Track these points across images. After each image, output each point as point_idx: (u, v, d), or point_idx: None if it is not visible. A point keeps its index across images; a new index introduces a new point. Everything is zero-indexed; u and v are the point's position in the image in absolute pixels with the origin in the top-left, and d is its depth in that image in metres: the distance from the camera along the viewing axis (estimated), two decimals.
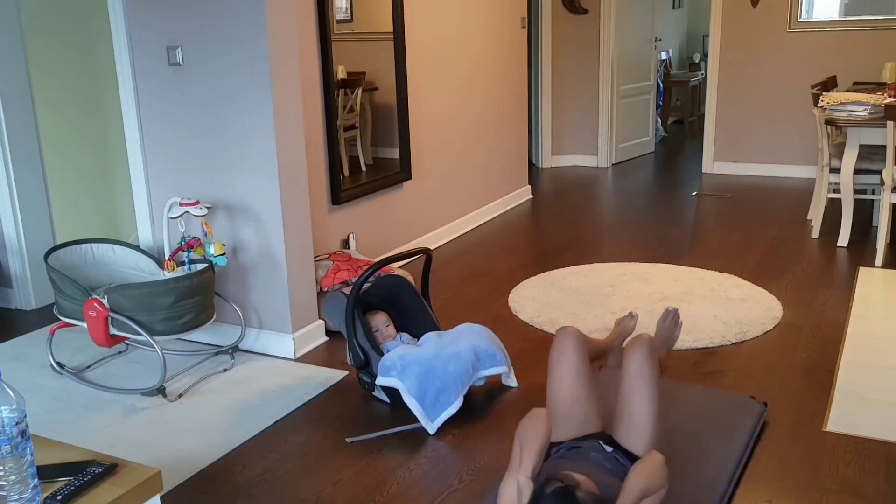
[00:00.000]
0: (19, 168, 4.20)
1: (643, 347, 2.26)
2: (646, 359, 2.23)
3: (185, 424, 2.99)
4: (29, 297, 4.31)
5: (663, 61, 9.82)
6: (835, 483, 2.49)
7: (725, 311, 3.90)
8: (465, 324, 3.19)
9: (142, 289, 3.13)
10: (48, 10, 4.57)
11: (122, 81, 3.66)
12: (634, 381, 2.22)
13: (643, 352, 2.25)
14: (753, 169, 7.27)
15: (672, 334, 2.83)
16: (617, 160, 7.97)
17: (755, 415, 2.81)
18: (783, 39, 6.95)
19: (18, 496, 1.44)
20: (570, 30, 7.57)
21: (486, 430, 2.89)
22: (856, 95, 4.98)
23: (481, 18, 5.62)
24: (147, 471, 1.66)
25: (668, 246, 5.10)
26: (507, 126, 6.14)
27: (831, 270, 4.53)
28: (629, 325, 3.05)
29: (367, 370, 3.08)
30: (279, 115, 3.38)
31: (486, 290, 4.40)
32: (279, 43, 3.35)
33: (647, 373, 2.22)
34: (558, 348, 2.37)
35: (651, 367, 2.23)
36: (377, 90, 4.58)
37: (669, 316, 2.83)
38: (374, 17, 4.50)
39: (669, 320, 2.83)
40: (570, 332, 2.38)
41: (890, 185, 4.54)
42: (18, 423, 1.42)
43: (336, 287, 3.74)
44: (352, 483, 2.59)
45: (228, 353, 3.61)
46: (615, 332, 3.04)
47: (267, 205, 3.47)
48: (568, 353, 2.34)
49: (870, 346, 3.47)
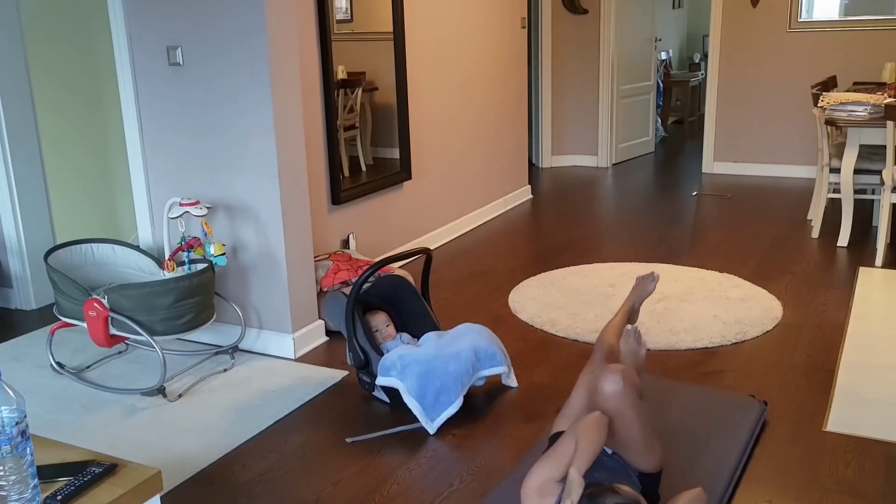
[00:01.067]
0: (19, 168, 4.20)
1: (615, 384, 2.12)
2: (620, 393, 2.11)
3: (185, 424, 2.99)
4: (29, 297, 4.31)
5: (663, 61, 9.82)
6: (835, 483, 2.49)
7: (725, 311, 3.90)
8: (465, 324, 3.19)
9: (142, 289, 3.13)
10: (48, 10, 4.57)
11: (122, 81, 3.66)
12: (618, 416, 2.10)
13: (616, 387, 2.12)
14: (753, 169, 7.27)
15: (638, 353, 2.63)
16: (617, 160, 7.97)
17: (755, 414, 2.81)
18: (783, 39, 6.95)
19: (18, 496, 1.44)
20: (570, 30, 7.57)
21: (486, 430, 2.89)
22: (856, 95, 4.98)
23: (481, 18, 5.62)
24: (147, 471, 1.66)
25: (668, 246, 5.10)
26: (507, 126, 6.14)
27: (831, 270, 4.53)
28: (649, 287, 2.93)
29: (367, 370, 3.08)
30: (279, 115, 3.38)
31: (486, 290, 4.39)
32: (279, 43, 3.35)
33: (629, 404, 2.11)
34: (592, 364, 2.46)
35: (630, 398, 2.12)
36: (377, 90, 4.58)
37: (631, 335, 2.63)
38: (374, 17, 4.50)
39: (632, 340, 2.63)
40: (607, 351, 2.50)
41: (890, 185, 4.54)
42: (18, 423, 1.42)
43: (336, 287, 3.74)
44: (352, 483, 2.59)
45: (228, 353, 3.60)
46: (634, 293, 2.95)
47: (267, 205, 3.47)
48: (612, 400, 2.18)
49: (870, 346, 3.47)
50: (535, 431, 2.85)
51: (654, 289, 2.92)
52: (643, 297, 2.92)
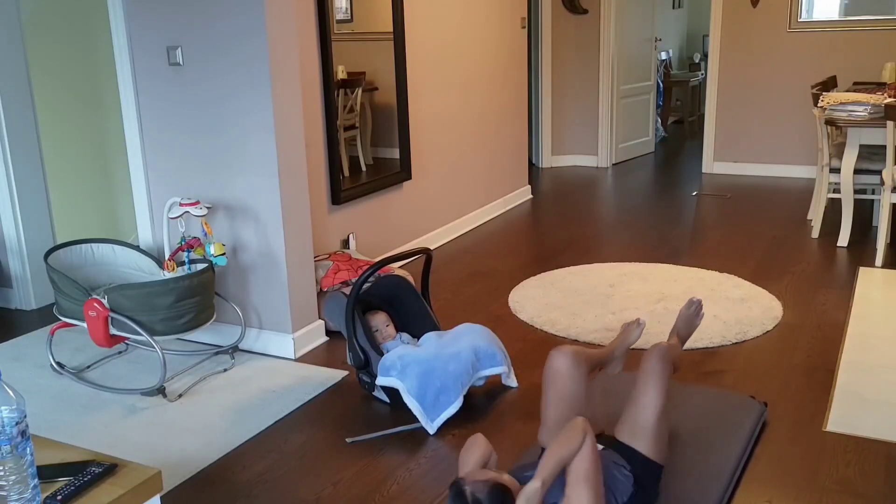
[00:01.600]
0: (19, 168, 4.20)
1: (659, 350, 2.35)
2: (659, 359, 2.31)
3: (185, 424, 2.99)
4: (29, 297, 4.31)
5: (663, 61, 9.82)
6: (835, 483, 2.49)
7: (725, 311, 3.90)
8: (465, 324, 3.19)
9: (142, 289, 3.13)
10: (48, 10, 4.57)
11: (122, 81, 3.66)
12: (645, 378, 2.29)
13: (657, 354, 2.34)
14: (753, 169, 7.27)
15: (693, 322, 2.82)
16: (617, 160, 7.97)
17: (755, 415, 2.81)
18: (783, 39, 6.95)
19: (18, 496, 1.44)
20: (570, 30, 7.57)
21: (486, 430, 2.88)
22: (856, 95, 4.98)
23: (481, 18, 5.62)
24: (147, 471, 1.66)
25: (668, 246, 5.10)
26: (507, 126, 6.13)
27: (831, 270, 4.53)
28: (633, 335, 2.86)
29: (367, 370, 3.08)
30: (279, 115, 3.38)
31: (486, 290, 4.39)
32: (279, 43, 3.35)
33: (658, 371, 2.29)
34: (549, 372, 2.37)
35: (662, 367, 2.30)
36: (377, 90, 4.58)
37: (693, 305, 2.81)
38: (374, 17, 4.50)
39: (693, 309, 2.81)
40: (563, 353, 2.36)
41: (890, 185, 4.54)
42: (18, 423, 1.42)
43: (336, 287, 3.74)
44: (352, 483, 2.59)
45: (228, 353, 3.60)
46: (618, 339, 2.92)
47: (267, 205, 3.47)
48: (560, 376, 2.34)
49: (870, 346, 3.47)
50: (535, 431, 2.84)
51: (638, 336, 2.80)
52: (626, 346, 2.79)
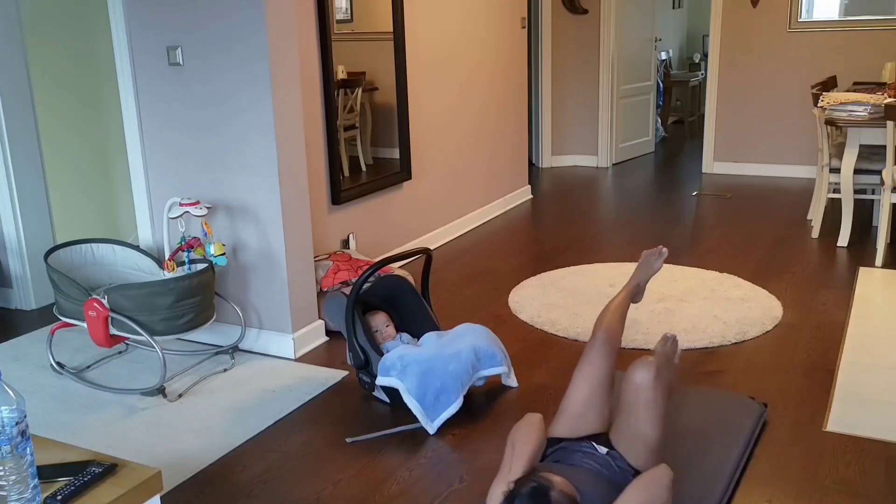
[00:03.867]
0: (19, 168, 4.20)
1: (648, 373, 2.16)
2: (650, 384, 2.14)
3: (185, 424, 2.99)
4: (29, 297, 4.31)
5: (663, 61, 9.82)
6: (835, 483, 2.49)
7: (725, 311, 3.89)
8: (465, 324, 3.19)
9: (142, 289, 3.13)
10: (48, 11, 4.56)
11: (122, 81, 3.66)
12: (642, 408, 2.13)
13: (648, 377, 2.15)
14: (753, 169, 7.27)
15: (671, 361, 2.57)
16: (617, 160, 7.97)
17: (755, 415, 2.81)
18: (783, 39, 6.95)
19: (18, 496, 1.44)
20: (570, 30, 7.57)
21: (486, 430, 2.89)
22: (856, 95, 4.98)
23: (481, 19, 5.62)
24: (147, 471, 1.66)
25: (668, 246, 5.07)
26: (507, 126, 6.13)
27: (831, 270, 4.53)
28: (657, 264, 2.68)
29: (367, 370, 3.08)
30: (279, 115, 3.38)
31: (486, 290, 4.39)
32: (279, 42, 3.35)
33: (653, 398, 2.13)
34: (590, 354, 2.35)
35: (657, 392, 2.14)
36: (377, 90, 4.58)
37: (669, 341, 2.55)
38: (374, 17, 4.50)
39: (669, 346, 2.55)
40: (606, 338, 2.35)
41: (890, 185, 4.54)
42: (18, 423, 1.42)
43: (336, 287, 3.74)
44: (352, 483, 2.59)
45: (228, 353, 3.60)
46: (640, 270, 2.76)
47: (267, 205, 3.47)
48: (598, 360, 2.32)
49: (870, 346, 3.47)
50: None
51: (660, 266, 2.63)
52: (649, 275, 2.64)
